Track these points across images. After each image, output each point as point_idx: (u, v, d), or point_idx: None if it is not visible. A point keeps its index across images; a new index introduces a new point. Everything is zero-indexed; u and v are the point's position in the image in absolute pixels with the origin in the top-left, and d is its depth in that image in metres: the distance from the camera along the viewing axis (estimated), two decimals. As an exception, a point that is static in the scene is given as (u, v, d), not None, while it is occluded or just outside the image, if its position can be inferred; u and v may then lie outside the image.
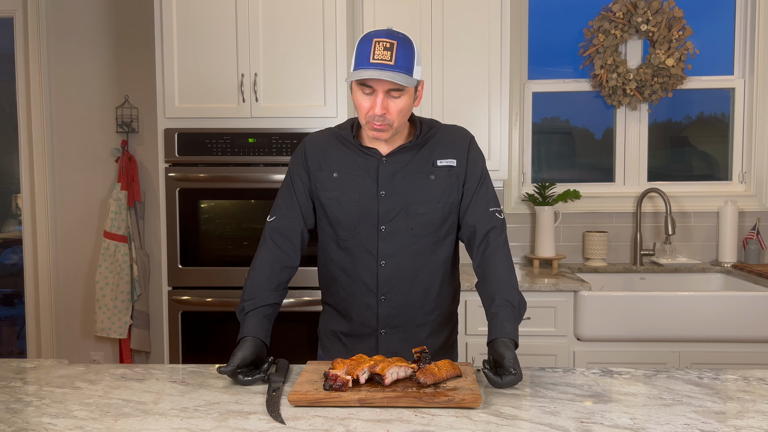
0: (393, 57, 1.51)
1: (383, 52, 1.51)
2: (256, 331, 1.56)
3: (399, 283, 1.69)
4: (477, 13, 2.95)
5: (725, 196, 3.30)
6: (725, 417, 1.28)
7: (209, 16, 2.80)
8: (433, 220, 1.69)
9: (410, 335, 1.72)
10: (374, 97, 1.55)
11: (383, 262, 1.68)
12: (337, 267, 1.73)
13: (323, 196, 1.70)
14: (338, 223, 1.70)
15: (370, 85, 1.54)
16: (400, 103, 1.56)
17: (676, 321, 2.67)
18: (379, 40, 1.52)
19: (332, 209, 1.69)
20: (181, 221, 2.83)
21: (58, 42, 3.43)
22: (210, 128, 2.82)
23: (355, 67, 1.54)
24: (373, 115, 1.55)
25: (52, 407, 1.35)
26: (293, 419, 1.28)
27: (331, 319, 1.80)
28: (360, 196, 1.67)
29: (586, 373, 1.56)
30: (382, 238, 1.67)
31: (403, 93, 1.55)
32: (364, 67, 1.52)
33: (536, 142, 3.44)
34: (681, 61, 3.20)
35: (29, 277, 3.51)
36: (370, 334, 1.73)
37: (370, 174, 1.67)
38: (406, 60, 1.53)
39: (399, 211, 1.67)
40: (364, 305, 1.71)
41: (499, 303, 1.57)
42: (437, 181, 1.68)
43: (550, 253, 3.17)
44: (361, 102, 1.57)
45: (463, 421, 1.27)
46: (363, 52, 1.53)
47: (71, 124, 3.46)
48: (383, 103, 1.54)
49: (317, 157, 1.71)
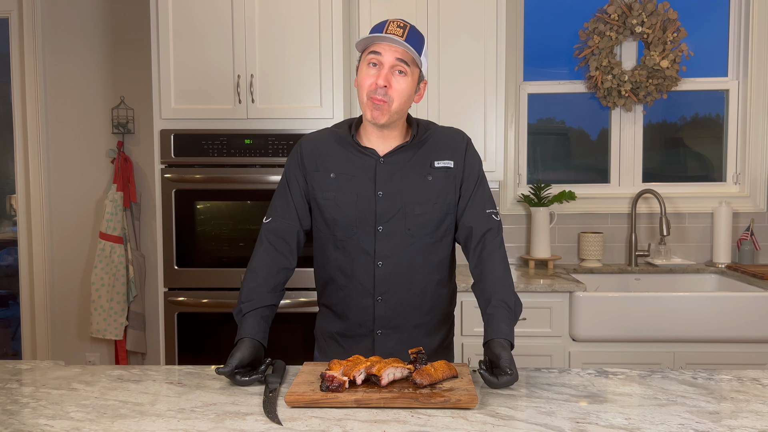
0: (405, 34, 1.57)
1: (396, 29, 1.58)
2: (253, 332, 1.56)
3: (396, 283, 1.69)
4: (472, 14, 2.95)
5: (719, 197, 3.32)
6: (719, 417, 1.29)
7: (205, 17, 2.80)
8: (430, 220, 1.69)
9: (407, 336, 1.72)
10: (379, 70, 1.59)
11: (380, 262, 1.68)
12: (334, 267, 1.73)
13: (320, 196, 1.70)
14: (335, 223, 1.69)
15: (379, 52, 1.58)
16: (403, 83, 1.60)
17: (670, 321, 2.68)
18: (394, 20, 1.60)
19: (329, 210, 1.69)
20: (177, 222, 2.83)
21: (53, 42, 3.42)
22: (206, 129, 2.82)
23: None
24: (376, 88, 1.58)
25: (49, 409, 1.35)
26: (290, 420, 1.28)
27: (327, 320, 1.80)
28: (357, 196, 1.67)
29: (582, 374, 1.56)
30: (379, 238, 1.67)
31: (407, 74, 1.60)
32: (377, 34, 1.58)
33: (531, 143, 3.45)
34: (675, 62, 3.22)
35: (24, 278, 3.50)
36: (366, 334, 1.73)
37: (367, 174, 1.67)
38: (417, 42, 1.60)
39: (396, 211, 1.67)
40: (361, 306, 1.71)
41: (495, 304, 1.57)
42: (435, 182, 1.68)
43: (545, 254, 3.18)
44: (365, 77, 1.61)
45: (460, 421, 1.27)
46: (376, 29, 1.60)
47: (67, 124, 3.46)
48: (387, 76, 1.58)
49: (314, 158, 1.71)
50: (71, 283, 3.51)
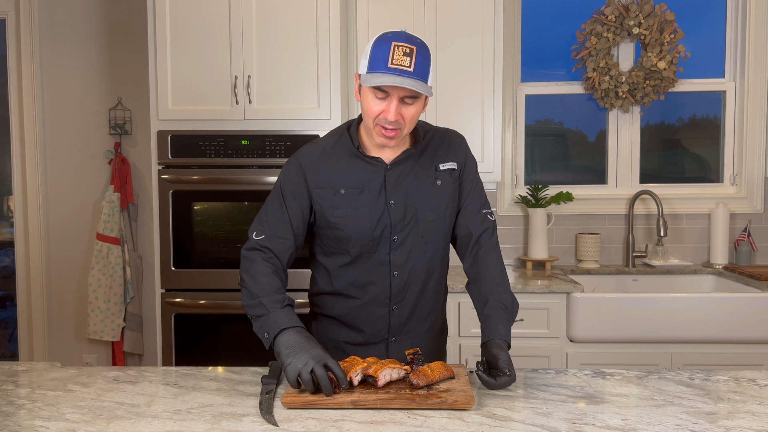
0: (412, 63, 1.45)
1: (402, 58, 1.44)
2: (296, 322, 1.51)
3: (410, 291, 1.68)
4: (470, 16, 2.96)
5: (717, 198, 3.32)
6: (716, 418, 1.29)
7: (203, 18, 2.80)
8: (442, 226, 1.67)
9: (417, 341, 1.71)
10: (388, 102, 1.49)
11: (396, 272, 1.65)
12: (345, 282, 1.68)
13: (330, 215, 1.63)
14: (348, 240, 1.63)
15: (386, 90, 1.48)
16: (413, 109, 1.52)
17: (667, 322, 2.68)
18: (399, 45, 1.46)
19: (343, 226, 1.62)
20: (174, 223, 2.83)
21: (50, 43, 3.42)
22: (203, 130, 2.81)
23: (370, 69, 1.48)
24: (385, 119, 1.50)
25: (45, 410, 1.34)
26: (286, 421, 1.28)
27: (331, 329, 1.74)
28: (371, 211, 1.62)
29: (579, 375, 1.56)
30: (394, 248, 1.64)
31: (417, 100, 1.51)
32: (382, 71, 1.45)
33: (529, 144, 3.45)
34: (673, 64, 3.22)
35: (21, 279, 3.49)
36: (378, 342, 1.71)
37: (377, 185, 1.62)
38: (424, 67, 1.48)
39: (409, 219, 1.64)
40: (376, 316, 1.68)
41: (492, 304, 1.57)
42: (443, 186, 1.66)
43: (543, 255, 3.18)
44: (371, 106, 1.51)
45: (456, 422, 1.27)
46: (380, 56, 1.46)
47: (64, 125, 3.45)
48: (397, 109, 1.49)
49: (316, 176, 1.64)
50: (68, 284, 3.50)
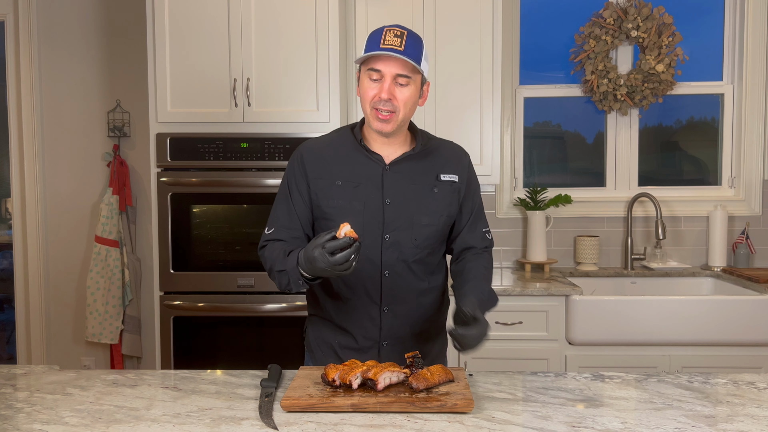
0: (403, 44, 1.55)
1: (393, 39, 1.55)
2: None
3: (402, 293, 1.68)
4: (469, 18, 2.96)
5: (715, 200, 3.32)
6: (715, 421, 1.29)
7: (202, 21, 2.80)
8: (436, 232, 1.69)
9: (411, 346, 1.71)
10: (381, 83, 1.57)
11: (387, 272, 1.66)
12: (337, 279, 1.68)
13: (325, 205, 1.66)
14: None
15: (378, 69, 1.56)
16: (406, 92, 1.58)
17: (666, 325, 2.68)
18: (390, 28, 1.57)
19: (335, 218, 1.64)
20: (173, 226, 2.82)
21: (49, 46, 3.42)
22: (202, 133, 2.81)
23: (364, 53, 1.58)
24: (379, 100, 1.57)
25: (44, 414, 1.34)
26: (286, 425, 1.28)
27: (325, 331, 1.75)
28: (364, 205, 1.64)
29: (578, 378, 1.56)
30: (386, 247, 1.65)
31: (409, 82, 1.58)
32: (374, 51, 1.55)
33: (528, 147, 3.45)
34: (671, 66, 3.23)
35: (19, 282, 3.48)
36: (371, 346, 1.71)
37: (374, 182, 1.65)
38: (416, 49, 1.57)
39: (404, 221, 1.65)
40: (367, 317, 1.69)
41: (467, 290, 1.61)
42: (441, 194, 1.69)
43: (541, 258, 3.18)
44: (367, 89, 1.59)
45: (456, 426, 1.27)
46: (373, 40, 1.57)
47: (62, 128, 3.45)
48: (390, 88, 1.57)
49: (316, 165, 1.68)
50: (67, 286, 3.50)
